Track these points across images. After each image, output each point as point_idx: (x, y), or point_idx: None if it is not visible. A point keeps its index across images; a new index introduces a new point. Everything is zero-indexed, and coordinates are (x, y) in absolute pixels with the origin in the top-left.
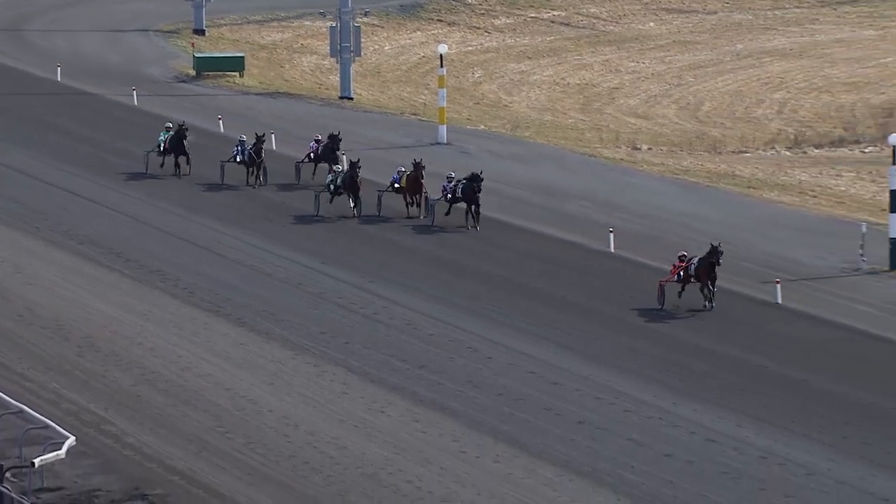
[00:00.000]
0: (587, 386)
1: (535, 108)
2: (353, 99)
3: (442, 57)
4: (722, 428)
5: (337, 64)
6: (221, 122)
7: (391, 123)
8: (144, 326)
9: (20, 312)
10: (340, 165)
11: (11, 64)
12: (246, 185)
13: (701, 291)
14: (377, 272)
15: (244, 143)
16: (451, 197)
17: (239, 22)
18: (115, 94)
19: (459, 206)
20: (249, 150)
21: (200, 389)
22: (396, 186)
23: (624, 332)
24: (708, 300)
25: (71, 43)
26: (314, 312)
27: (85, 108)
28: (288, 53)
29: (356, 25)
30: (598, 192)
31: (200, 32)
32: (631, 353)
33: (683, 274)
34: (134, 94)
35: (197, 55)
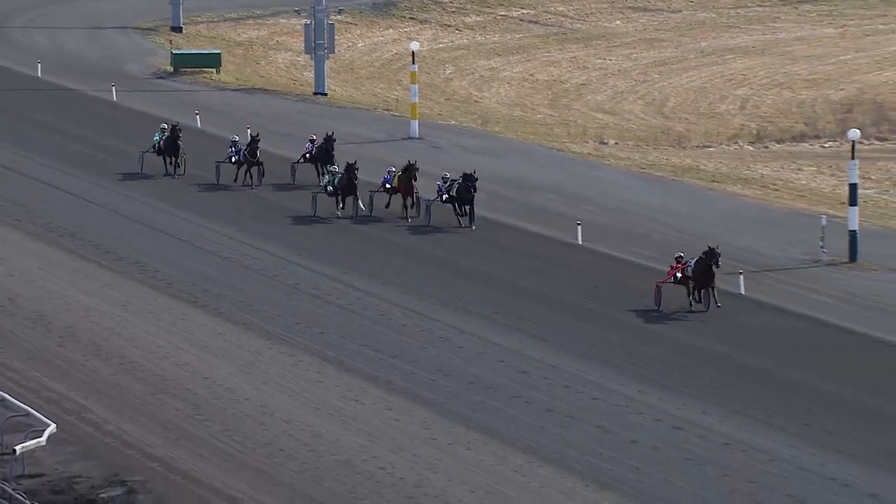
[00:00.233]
0: (556, 375)
1: (504, 103)
2: (327, 95)
3: (414, 54)
4: (687, 415)
5: (311, 60)
6: (199, 117)
7: (364, 119)
8: (124, 317)
9: (2, 303)
10: (336, 166)
11: None
12: (242, 185)
13: (693, 293)
14: (352, 264)
15: (237, 143)
16: (446, 197)
17: (216, 19)
18: (94, 89)
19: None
20: (245, 150)
21: (178, 378)
22: (388, 187)
23: (592, 322)
24: (703, 301)
25: (51, 40)
26: (290, 303)
27: (65, 103)
28: (263, 50)
29: (330, 23)
30: (566, 185)
31: (178, 30)
32: (598, 342)
33: (681, 276)
34: (113, 89)
35: (174, 52)
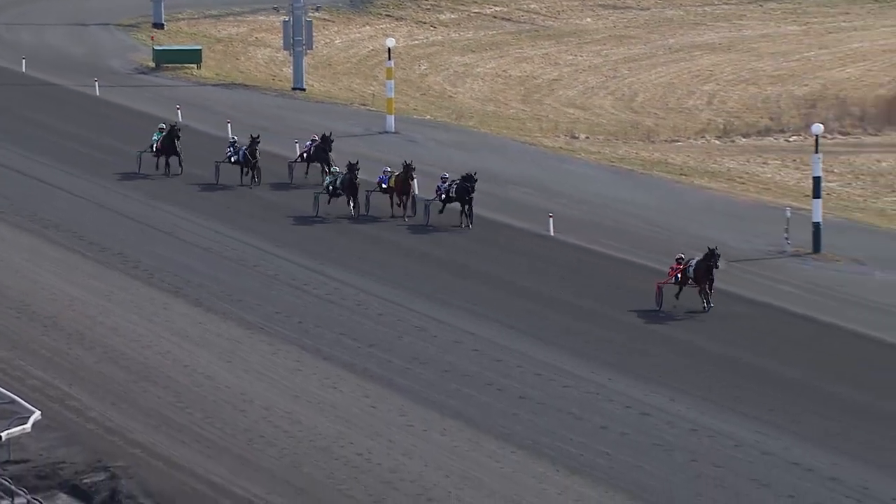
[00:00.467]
0: (528, 363)
1: (478, 98)
2: (305, 90)
3: (390, 50)
4: (655, 402)
5: (290, 56)
6: (180, 111)
7: (341, 113)
8: (107, 307)
9: None
10: (335, 166)
11: None
12: (240, 184)
13: (699, 294)
14: (329, 255)
15: (235, 143)
16: (445, 197)
17: (196, 16)
18: (77, 84)
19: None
20: (244, 150)
21: (160, 366)
22: (384, 186)
23: (563, 311)
24: (706, 301)
25: (35, 36)
26: (269, 293)
27: (49, 98)
28: (243, 46)
29: (308, 20)
30: (538, 178)
31: (159, 26)
32: (570, 331)
33: (681, 276)
34: (96, 84)
35: (156, 48)
